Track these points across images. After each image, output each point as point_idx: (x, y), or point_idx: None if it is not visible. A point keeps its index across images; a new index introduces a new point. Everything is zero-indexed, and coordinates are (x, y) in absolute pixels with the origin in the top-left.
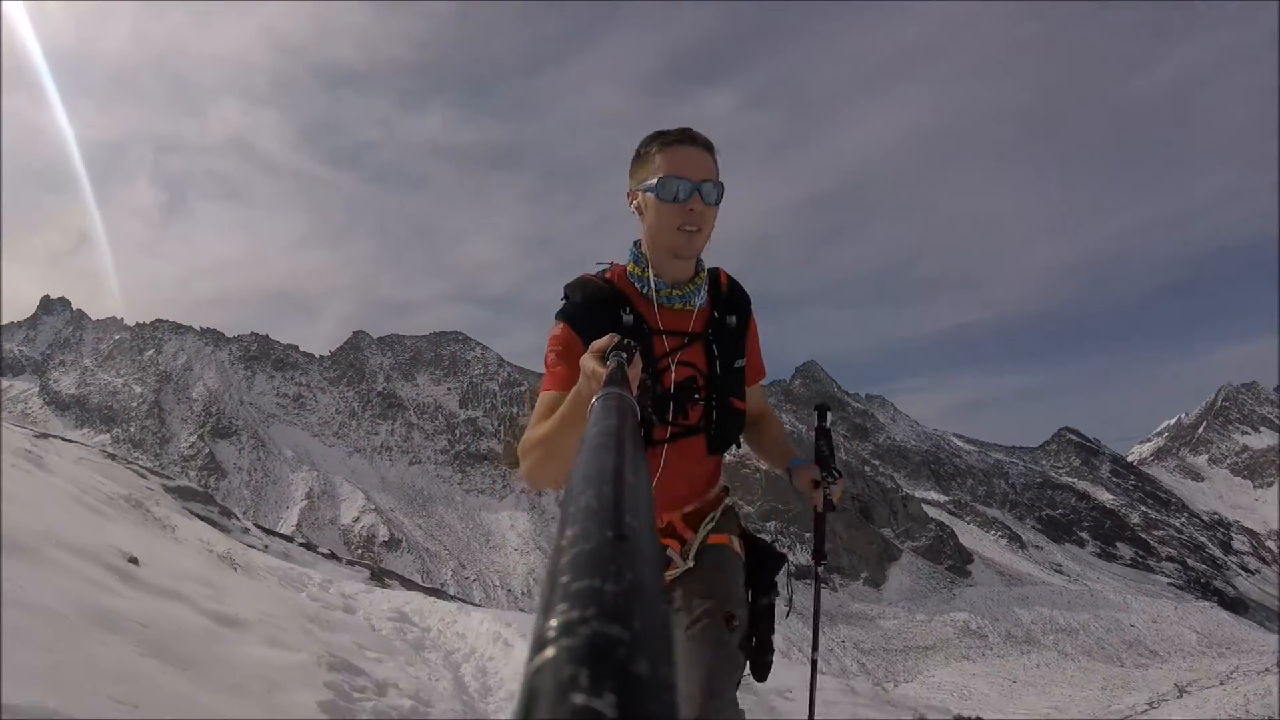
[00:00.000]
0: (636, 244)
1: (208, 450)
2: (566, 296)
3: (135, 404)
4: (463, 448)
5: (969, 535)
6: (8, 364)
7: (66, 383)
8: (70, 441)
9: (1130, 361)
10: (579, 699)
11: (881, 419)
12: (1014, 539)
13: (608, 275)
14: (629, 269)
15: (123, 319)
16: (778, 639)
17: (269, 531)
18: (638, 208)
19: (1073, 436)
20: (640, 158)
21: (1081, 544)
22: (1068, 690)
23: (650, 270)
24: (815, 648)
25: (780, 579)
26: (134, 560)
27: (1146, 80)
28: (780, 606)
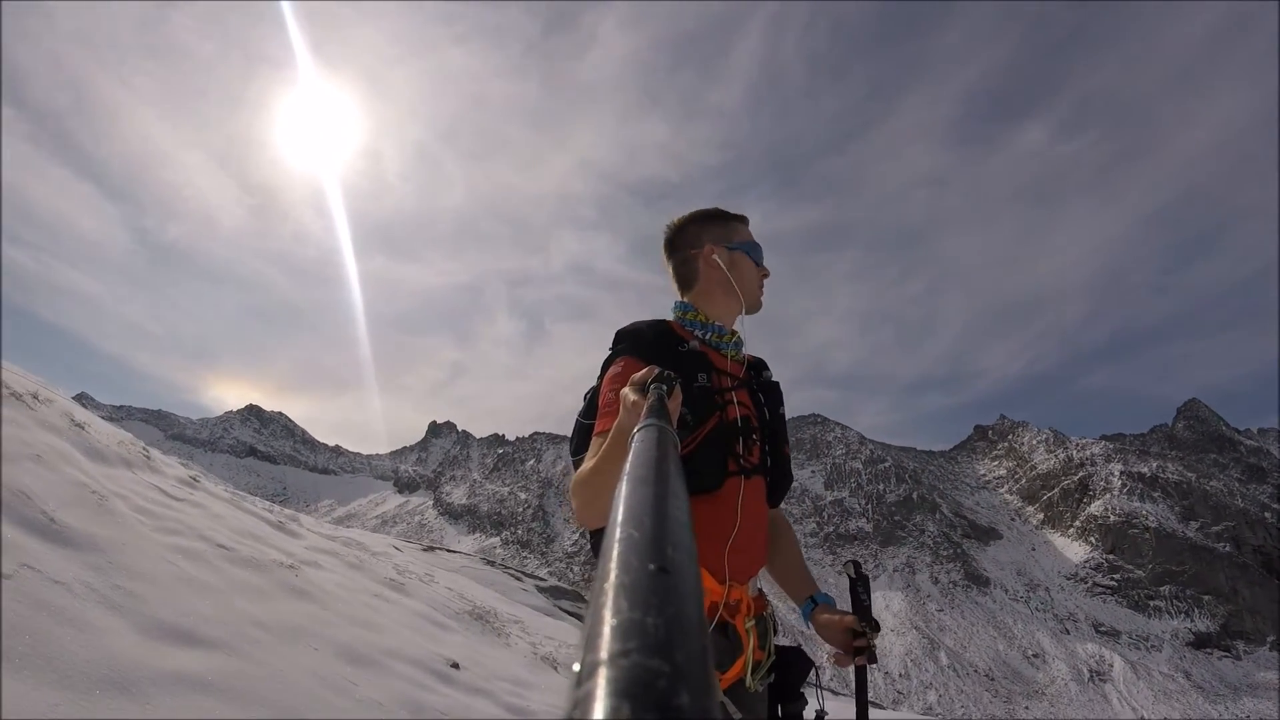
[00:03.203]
0: (679, 304)
1: (589, 546)
2: (620, 340)
3: (521, 509)
4: (832, 529)
5: None
6: (404, 482)
7: (458, 495)
8: (454, 552)
9: None
10: None
11: (1279, 455)
12: None
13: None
14: (680, 317)
15: (504, 435)
16: None
17: None
18: (720, 262)
19: None
20: (718, 220)
21: None
22: None
23: (709, 318)
24: None
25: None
26: (455, 665)
27: None
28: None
